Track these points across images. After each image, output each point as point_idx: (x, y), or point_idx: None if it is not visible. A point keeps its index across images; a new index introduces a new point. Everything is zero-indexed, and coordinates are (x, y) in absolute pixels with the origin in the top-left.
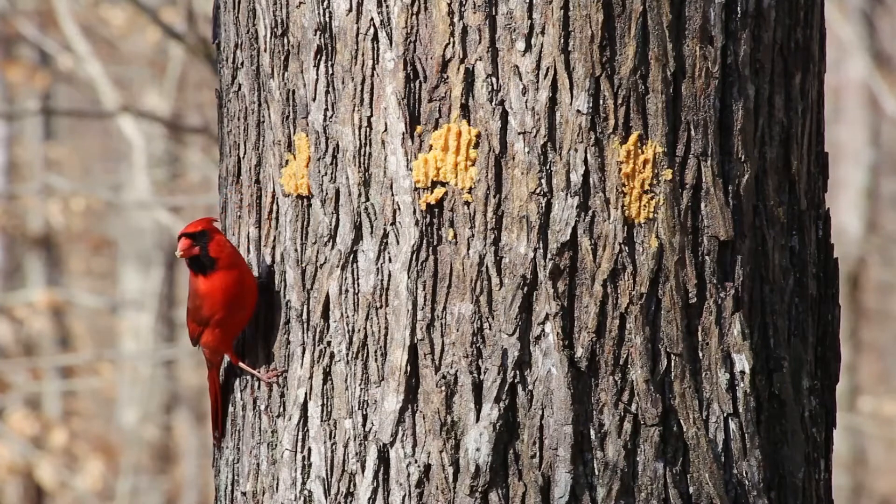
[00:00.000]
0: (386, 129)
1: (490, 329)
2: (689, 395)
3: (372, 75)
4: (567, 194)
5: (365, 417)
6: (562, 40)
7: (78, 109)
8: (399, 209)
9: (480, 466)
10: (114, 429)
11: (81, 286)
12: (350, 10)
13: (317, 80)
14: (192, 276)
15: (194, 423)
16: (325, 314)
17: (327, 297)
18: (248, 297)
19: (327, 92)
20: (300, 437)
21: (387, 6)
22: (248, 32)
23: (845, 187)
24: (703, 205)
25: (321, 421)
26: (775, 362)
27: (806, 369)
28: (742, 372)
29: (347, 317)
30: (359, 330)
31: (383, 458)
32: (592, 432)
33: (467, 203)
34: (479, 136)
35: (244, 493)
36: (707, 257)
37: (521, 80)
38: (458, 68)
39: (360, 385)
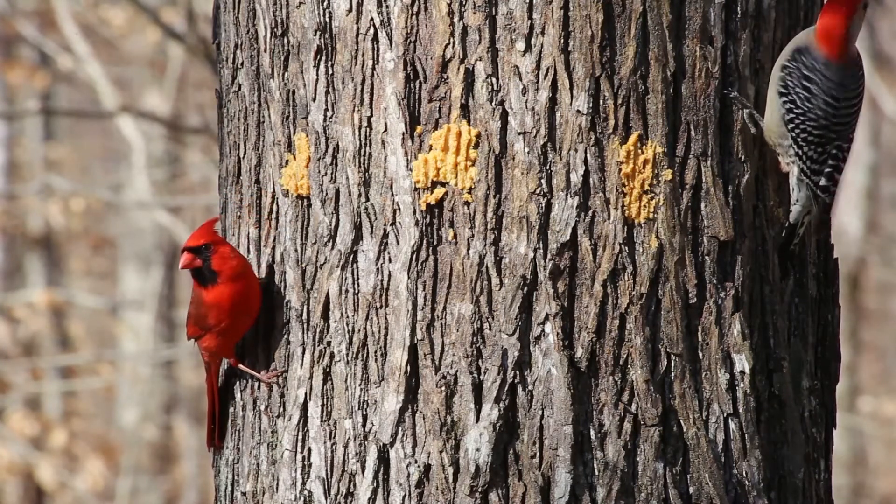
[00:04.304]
0: (386, 129)
1: (490, 329)
2: (689, 395)
3: (372, 75)
4: (567, 194)
5: (365, 417)
6: (562, 40)
7: (78, 109)
8: (399, 209)
9: (480, 466)
10: (114, 429)
11: (81, 286)
12: (350, 10)
13: (317, 80)
14: (197, 285)
15: (194, 423)
16: (325, 314)
17: (327, 297)
18: (253, 305)
19: (327, 92)
20: (300, 437)
21: (387, 6)
22: (248, 32)
23: (845, 187)
24: (703, 205)
25: (321, 421)
26: (775, 362)
27: (806, 369)
28: (742, 372)
29: (347, 317)
30: (359, 330)
31: (383, 459)
32: (592, 432)
33: (467, 203)
34: (479, 136)
35: (244, 494)
36: (707, 257)
37: (521, 80)
38: (458, 68)
39: (360, 385)
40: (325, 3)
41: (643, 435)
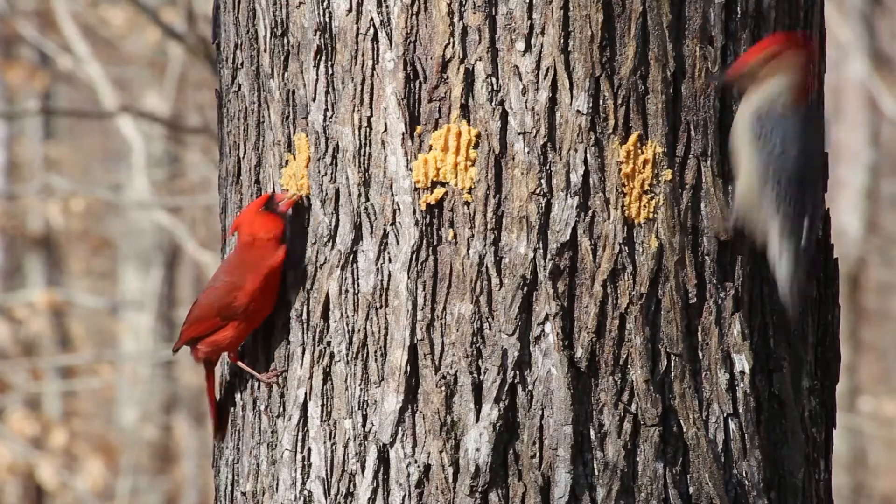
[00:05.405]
0: (386, 130)
1: (490, 329)
2: (689, 395)
3: (372, 75)
4: (567, 194)
5: (365, 417)
6: (562, 40)
7: (78, 109)
8: (399, 209)
9: (480, 466)
10: (114, 429)
11: (81, 286)
12: (350, 10)
13: (317, 80)
14: (238, 267)
15: (194, 423)
16: (325, 314)
17: (327, 297)
18: (275, 295)
19: (327, 92)
20: (300, 437)
21: (387, 6)
22: (248, 32)
23: (845, 187)
24: (703, 205)
25: (321, 421)
26: (775, 362)
27: (806, 369)
28: (742, 372)
29: (347, 317)
30: (359, 330)
31: (383, 459)
32: (592, 432)
33: (467, 203)
34: (479, 136)
35: (244, 494)
36: (707, 257)
37: (521, 80)
38: (458, 68)
39: (360, 385)
40: (325, 3)
41: (643, 435)
